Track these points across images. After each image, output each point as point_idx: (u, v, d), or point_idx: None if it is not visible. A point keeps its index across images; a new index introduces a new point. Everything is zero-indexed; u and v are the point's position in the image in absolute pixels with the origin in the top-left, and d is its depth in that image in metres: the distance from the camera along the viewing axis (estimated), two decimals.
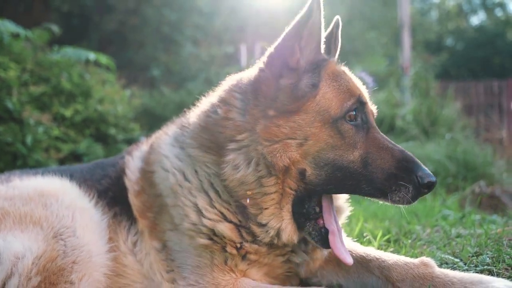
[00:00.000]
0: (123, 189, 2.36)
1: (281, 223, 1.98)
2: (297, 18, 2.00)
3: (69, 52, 6.10)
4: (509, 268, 2.16)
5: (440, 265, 2.30)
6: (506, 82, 17.77)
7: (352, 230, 3.11)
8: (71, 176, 2.43)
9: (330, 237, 1.98)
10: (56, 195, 2.21)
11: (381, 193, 1.93)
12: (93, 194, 2.34)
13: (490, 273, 2.14)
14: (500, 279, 1.83)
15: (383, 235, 2.96)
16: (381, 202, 1.99)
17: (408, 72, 12.56)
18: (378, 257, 2.18)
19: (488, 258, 2.28)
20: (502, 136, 12.86)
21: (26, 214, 2.07)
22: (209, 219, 2.03)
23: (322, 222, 2.01)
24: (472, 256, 2.39)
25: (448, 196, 5.20)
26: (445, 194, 5.23)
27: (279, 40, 2.05)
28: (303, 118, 1.95)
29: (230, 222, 2.04)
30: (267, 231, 1.99)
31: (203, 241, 2.04)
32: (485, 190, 5.31)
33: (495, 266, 2.19)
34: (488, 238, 2.66)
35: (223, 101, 2.14)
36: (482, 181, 5.54)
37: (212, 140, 2.09)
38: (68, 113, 5.85)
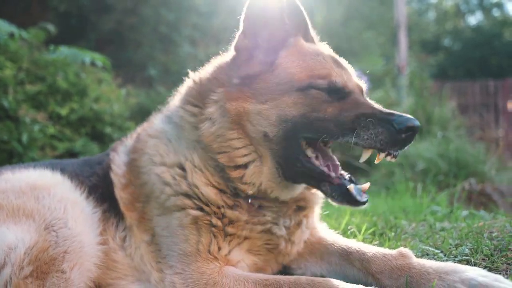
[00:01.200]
0: (110, 185, 2.42)
1: (261, 179, 2.13)
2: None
3: (65, 51, 6.16)
4: (487, 258, 2.23)
5: (421, 256, 2.38)
6: (502, 82, 17.84)
7: (340, 224, 3.18)
8: (63, 170, 2.50)
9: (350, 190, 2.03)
10: (48, 188, 2.26)
11: (350, 130, 1.97)
12: (84, 188, 2.40)
13: (468, 263, 2.21)
14: (474, 268, 1.90)
15: (369, 229, 3.03)
16: (351, 141, 1.98)
17: (404, 71, 12.63)
18: (358, 249, 2.25)
19: (467, 249, 2.35)
20: (498, 136, 12.95)
21: (18, 207, 2.13)
22: (195, 181, 2.16)
23: (337, 180, 2.06)
24: (453, 247, 2.46)
25: (438, 193, 5.27)
26: (436, 192, 5.30)
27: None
28: (261, 86, 2.14)
29: (213, 186, 2.16)
30: (253, 184, 2.14)
31: (194, 211, 2.13)
32: (475, 187, 5.39)
33: (473, 256, 2.26)
34: (470, 231, 2.73)
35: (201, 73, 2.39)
36: (472, 179, 5.61)
37: (197, 96, 2.28)
38: (64, 111, 5.92)
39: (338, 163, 2.17)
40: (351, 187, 2.03)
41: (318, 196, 2.38)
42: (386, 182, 6.34)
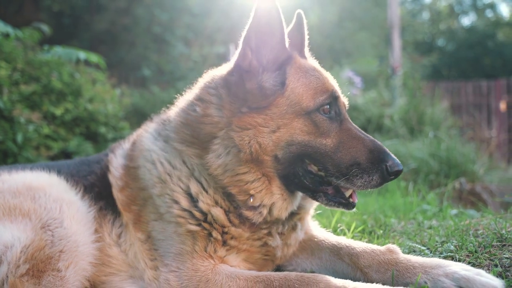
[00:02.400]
0: (107, 185, 2.47)
1: (272, 199, 2.16)
2: (249, 20, 2.15)
3: (59, 51, 6.18)
4: (471, 254, 2.30)
5: (408, 253, 2.44)
6: (494, 83, 17.98)
7: (330, 222, 3.24)
8: (59, 171, 2.54)
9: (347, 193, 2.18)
10: (44, 189, 2.31)
11: (345, 177, 2.08)
12: (79, 188, 2.45)
13: (453, 259, 2.28)
14: (457, 263, 1.97)
15: (358, 227, 3.10)
16: (347, 187, 2.13)
17: (397, 72, 12.72)
18: (348, 245, 2.32)
19: (452, 246, 2.42)
20: (491, 136, 13.06)
21: (15, 207, 2.17)
22: (205, 203, 2.18)
23: (331, 190, 2.17)
24: (439, 244, 2.53)
25: (429, 192, 5.34)
26: (426, 191, 5.37)
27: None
28: (274, 112, 2.12)
29: (221, 207, 2.19)
30: (260, 212, 2.16)
31: (193, 227, 2.17)
32: (465, 187, 5.47)
33: (458, 253, 2.33)
34: (456, 229, 2.80)
35: (199, 99, 2.29)
36: (462, 178, 5.69)
37: (194, 135, 2.24)
38: (58, 111, 5.94)
39: None
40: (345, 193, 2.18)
41: (311, 202, 2.43)
42: None
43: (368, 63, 18.14)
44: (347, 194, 2.18)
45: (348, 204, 2.17)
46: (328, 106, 2.17)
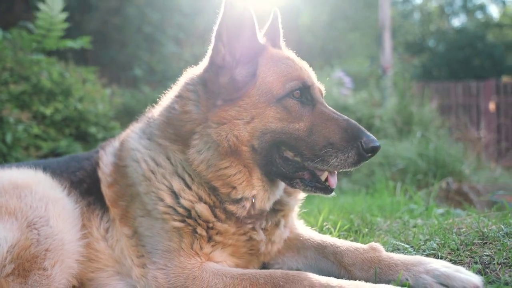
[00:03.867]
0: (96, 181, 2.50)
1: (254, 190, 2.20)
2: (218, 17, 2.20)
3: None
4: (452, 252, 2.34)
5: (392, 251, 2.48)
6: (484, 83, 18.15)
7: (317, 221, 3.27)
8: (45, 169, 2.55)
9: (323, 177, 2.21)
10: (30, 187, 2.31)
11: (319, 158, 2.11)
12: (66, 184, 2.46)
13: (436, 256, 2.32)
14: (438, 260, 2.01)
15: (344, 226, 3.13)
16: (323, 169, 2.15)
17: (388, 72, 12.81)
18: (332, 243, 2.36)
19: (435, 244, 2.46)
20: (480, 136, 13.17)
21: (1, 206, 2.17)
22: (187, 200, 2.21)
23: (307, 175, 2.21)
24: (422, 243, 2.57)
25: (417, 192, 5.39)
26: (414, 191, 5.42)
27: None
28: (247, 102, 2.17)
29: (205, 203, 2.22)
30: (243, 206, 2.21)
31: (177, 223, 2.19)
32: (452, 186, 5.53)
33: (440, 250, 2.38)
34: (440, 228, 2.84)
35: (179, 96, 2.35)
36: (450, 178, 5.75)
37: (176, 133, 2.29)
38: (48, 111, 5.91)
39: None
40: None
41: (296, 198, 2.48)
42: (367, 181, 6.47)
43: (359, 63, 18.25)
44: (323, 177, 2.20)
45: (325, 188, 2.20)
46: (299, 91, 2.21)
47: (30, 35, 5.83)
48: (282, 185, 2.35)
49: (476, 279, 1.85)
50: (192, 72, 2.43)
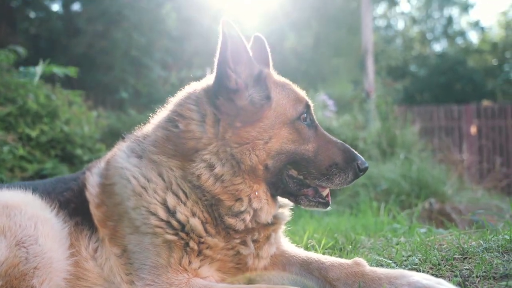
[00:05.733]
0: (84, 201, 2.52)
1: (260, 204, 2.32)
2: (218, 45, 2.30)
3: (33, 71, 6.21)
4: (434, 267, 2.42)
5: (375, 266, 2.53)
6: (465, 107, 18.53)
7: (302, 239, 3.32)
8: (34, 190, 2.57)
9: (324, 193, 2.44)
10: (20, 207, 2.34)
11: (326, 177, 2.34)
12: (55, 205, 2.48)
13: (417, 271, 2.36)
14: (420, 273, 2.08)
15: (329, 243, 3.19)
16: (327, 186, 2.38)
17: (371, 96, 13.03)
18: (317, 259, 2.42)
19: (417, 259, 2.53)
20: (463, 159, 13.39)
21: None
22: (183, 214, 2.26)
23: (311, 191, 2.41)
24: (404, 258, 2.64)
25: (400, 212, 5.48)
26: (397, 211, 5.50)
27: (215, 71, 2.36)
28: (266, 124, 2.30)
29: (198, 218, 2.28)
30: (243, 219, 2.29)
31: (170, 237, 2.23)
32: (435, 207, 5.63)
33: (422, 265, 2.45)
34: (421, 244, 2.91)
35: (180, 115, 2.40)
36: (432, 198, 5.86)
37: (176, 150, 2.35)
38: (34, 133, 5.91)
39: None
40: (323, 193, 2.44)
41: (284, 214, 2.56)
42: (351, 202, 6.55)
43: (343, 87, 18.55)
44: (324, 193, 2.42)
45: (326, 203, 2.43)
46: (305, 115, 2.40)
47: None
48: (278, 201, 2.46)
49: None
50: (191, 91, 2.50)
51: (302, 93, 2.51)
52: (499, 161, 13.29)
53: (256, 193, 2.31)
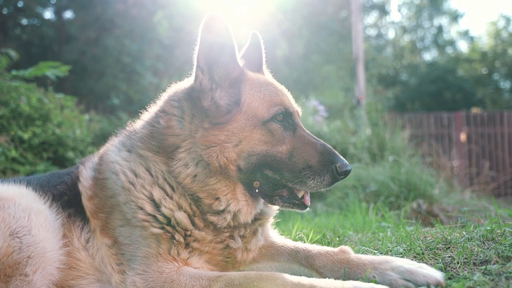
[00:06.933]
0: (77, 194, 2.60)
1: (238, 205, 2.35)
2: (197, 44, 2.35)
3: (24, 73, 6.24)
4: (418, 255, 2.49)
5: None
6: (455, 114, 18.73)
7: (291, 234, 3.38)
8: (28, 183, 2.64)
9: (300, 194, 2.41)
10: (13, 199, 2.40)
11: (298, 179, 2.31)
12: (48, 197, 2.54)
13: None
14: (403, 258, 2.15)
15: (316, 236, 3.25)
16: (301, 189, 2.35)
17: (362, 103, 13.15)
18: (304, 248, 2.49)
19: (401, 249, 2.61)
20: (453, 166, 13.52)
21: None
22: (168, 208, 2.33)
23: (285, 192, 2.40)
24: (390, 249, 2.71)
25: (388, 213, 5.54)
26: (385, 211, 5.57)
27: None
28: (235, 127, 2.32)
29: (185, 211, 2.35)
30: (224, 218, 2.35)
31: (156, 230, 2.30)
32: (423, 207, 5.71)
33: (406, 254, 2.52)
34: (407, 236, 2.99)
35: (163, 111, 2.49)
36: (420, 199, 5.94)
37: (159, 146, 2.42)
38: (26, 135, 5.94)
39: None
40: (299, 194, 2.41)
41: (272, 209, 2.65)
42: (341, 203, 6.62)
43: (334, 95, 18.69)
44: (300, 195, 2.39)
45: (301, 205, 2.40)
46: (282, 116, 2.39)
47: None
48: (260, 199, 2.50)
49: (438, 274, 2.00)
50: (176, 88, 2.59)
51: (283, 94, 2.52)
52: (488, 165, 13.43)
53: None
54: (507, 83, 40.20)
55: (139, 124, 2.64)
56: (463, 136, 18.39)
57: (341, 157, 2.35)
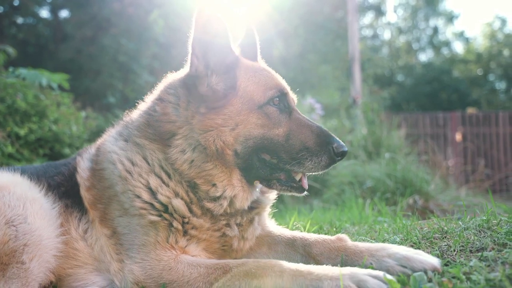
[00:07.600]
0: (75, 185, 2.59)
1: (234, 191, 2.35)
2: (191, 31, 2.37)
3: (24, 73, 6.24)
4: (414, 244, 2.49)
5: None
6: (450, 115, 18.81)
7: (288, 224, 3.39)
8: (24, 173, 2.63)
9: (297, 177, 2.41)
10: (8, 188, 2.39)
11: (296, 161, 2.31)
12: (43, 186, 2.54)
13: None
14: (399, 246, 2.16)
15: (313, 227, 3.26)
16: (299, 171, 2.35)
17: (358, 102, 13.19)
18: (301, 237, 2.50)
19: (398, 238, 2.61)
20: (448, 166, 13.58)
21: None
22: (164, 195, 2.34)
23: (283, 175, 2.40)
24: (387, 238, 2.72)
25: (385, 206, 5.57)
26: (382, 206, 5.59)
27: None
28: (231, 110, 2.33)
29: (182, 199, 2.35)
30: (221, 204, 2.35)
31: (153, 217, 2.31)
32: (419, 203, 5.74)
33: (403, 244, 2.52)
34: (403, 227, 3.00)
35: (160, 98, 2.51)
36: (416, 195, 5.97)
37: (155, 133, 2.43)
38: (22, 132, 5.93)
39: None
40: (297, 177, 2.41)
41: (269, 198, 2.64)
42: (337, 199, 6.63)
43: (330, 95, 18.74)
44: (297, 177, 2.39)
45: (299, 188, 2.40)
46: (278, 99, 2.41)
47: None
48: (258, 185, 2.50)
49: (434, 260, 2.00)
50: (172, 77, 2.60)
51: (278, 79, 2.54)
52: (483, 163, 13.50)
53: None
54: (502, 84, 40.39)
55: (136, 113, 2.64)
56: (458, 136, 18.47)
57: (337, 138, 2.36)
